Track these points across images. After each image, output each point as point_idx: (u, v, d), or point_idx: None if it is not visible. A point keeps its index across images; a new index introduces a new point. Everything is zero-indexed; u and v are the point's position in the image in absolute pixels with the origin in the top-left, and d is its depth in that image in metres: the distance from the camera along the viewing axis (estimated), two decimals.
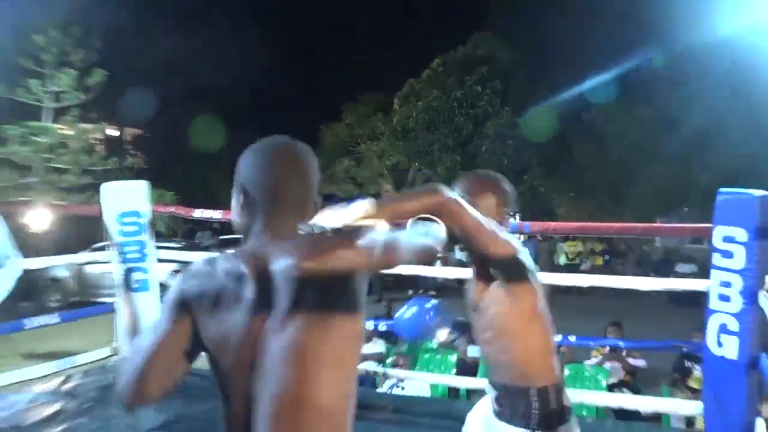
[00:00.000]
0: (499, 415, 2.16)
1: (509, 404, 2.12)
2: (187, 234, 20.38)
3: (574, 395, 4.66)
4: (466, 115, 21.11)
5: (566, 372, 6.16)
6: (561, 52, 21.58)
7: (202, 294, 1.43)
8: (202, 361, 4.73)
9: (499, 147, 20.89)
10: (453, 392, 5.73)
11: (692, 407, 3.79)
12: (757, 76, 16.97)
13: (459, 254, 18.92)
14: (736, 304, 3.27)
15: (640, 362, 6.77)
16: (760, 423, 3.29)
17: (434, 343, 7.04)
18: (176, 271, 9.55)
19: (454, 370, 6.36)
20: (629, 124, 20.68)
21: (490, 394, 2.25)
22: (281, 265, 1.41)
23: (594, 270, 18.18)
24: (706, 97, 18.64)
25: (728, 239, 3.29)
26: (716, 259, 3.37)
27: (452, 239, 1.85)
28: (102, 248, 5.32)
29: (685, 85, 19.15)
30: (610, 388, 5.77)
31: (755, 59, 16.54)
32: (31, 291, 13.82)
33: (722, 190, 3.41)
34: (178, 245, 13.96)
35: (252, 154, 1.62)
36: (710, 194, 3.45)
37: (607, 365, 6.19)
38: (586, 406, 5.02)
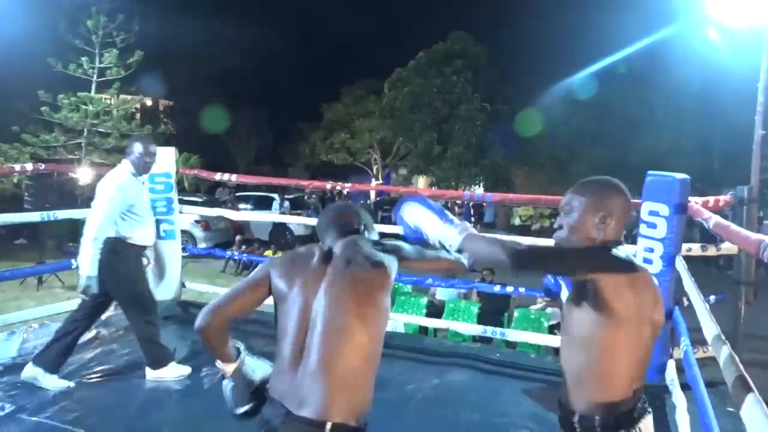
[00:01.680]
0: None
1: None
2: (209, 190, 20.18)
3: (521, 336, 4.72)
4: (443, 100, 21.08)
5: (516, 314, 6.22)
6: (524, 50, 21.49)
7: (283, 261, 1.70)
8: (215, 297, 4.60)
9: (470, 127, 20.85)
10: (423, 330, 5.76)
11: None
12: (681, 74, 16.98)
13: None
14: (657, 266, 3.26)
15: None
16: (671, 363, 3.31)
17: (408, 287, 7.04)
18: (198, 221, 9.50)
19: (424, 311, 6.37)
20: (575, 112, 20.64)
21: None
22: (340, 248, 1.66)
23: (543, 230, 18.26)
24: (639, 92, 18.61)
25: (653, 213, 3.27)
26: (642, 228, 3.35)
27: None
28: None
29: (622, 81, 19.11)
30: (551, 329, 5.81)
31: (680, 61, 16.54)
32: (79, 234, 13.70)
33: (650, 172, 3.38)
34: (200, 200, 13.84)
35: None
36: (640, 173, 3.42)
37: (549, 310, 6.23)
38: (530, 344, 5.06)
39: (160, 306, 4.66)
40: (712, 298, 3.99)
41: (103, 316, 4.45)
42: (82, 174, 14.14)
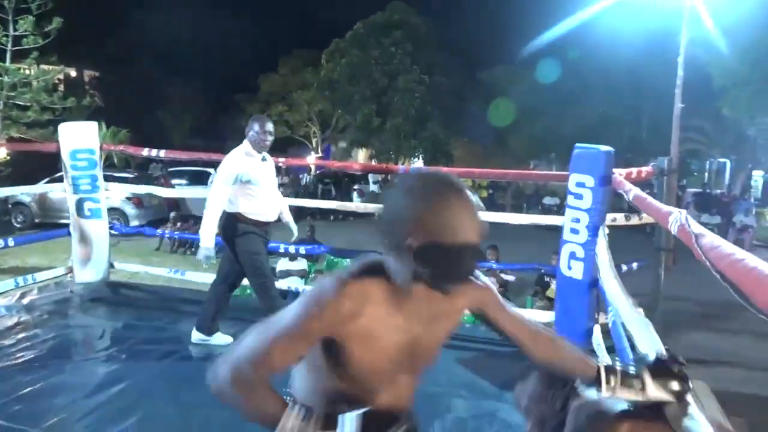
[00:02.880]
0: None
1: None
2: (141, 166, 19.44)
3: None
4: (382, 71, 20.97)
5: None
6: (464, 23, 21.58)
7: None
8: (150, 278, 4.48)
9: (408, 99, 20.86)
10: None
11: (548, 315, 3.94)
12: (615, 52, 17.52)
13: (372, 186, 18.98)
14: (583, 235, 3.38)
15: (510, 277, 7.02)
16: (596, 328, 3.45)
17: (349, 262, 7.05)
18: (129, 198, 9.19)
19: None
20: (514, 85, 21.00)
21: None
22: None
23: (480, 201, 18.60)
24: (575, 68, 19.08)
25: (580, 184, 3.37)
26: (570, 200, 3.45)
27: None
28: (60, 179, 4.98)
29: (560, 57, 19.52)
30: None
31: (613, 40, 17.05)
32: (1, 212, 12.99)
33: (577, 144, 3.47)
34: (131, 176, 13.32)
35: None
36: (573, 144, 3.50)
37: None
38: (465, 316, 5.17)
39: (87, 288, 4.51)
40: (635, 264, 4.19)
41: (27, 300, 4.27)
42: None
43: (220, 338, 3.67)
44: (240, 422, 2.61)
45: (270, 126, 3.54)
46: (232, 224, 3.48)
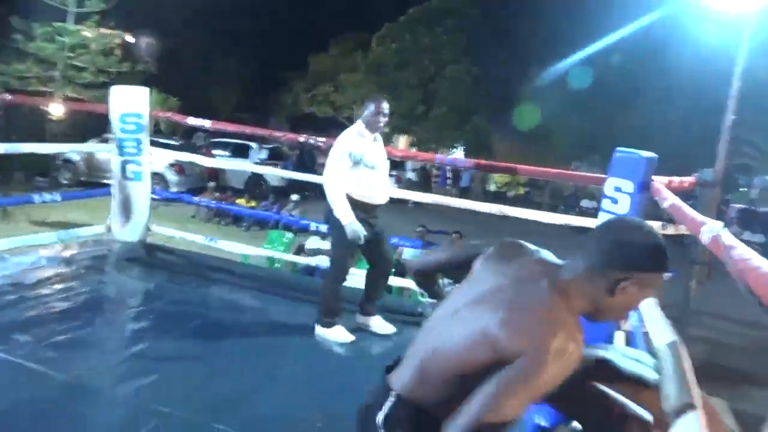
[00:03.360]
0: None
1: None
2: (186, 134, 19.83)
3: None
4: (431, 59, 20.81)
5: None
6: (520, 16, 21.22)
7: None
8: (185, 244, 4.56)
9: (455, 89, 20.68)
10: (387, 287, 5.77)
11: None
12: (671, 58, 17.06)
13: (410, 174, 18.94)
14: None
15: None
16: (619, 335, 3.40)
17: None
18: (171, 165, 9.39)
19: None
20: (561, 83, 20.62)
21: None
22: None
23: (516, 198, 18.42)
24: (629, 68, 18.62)
25: (617, 189, 3.30)
26: (605, 203, 3.38)
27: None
28: (107, 140, 5.14)
29: (614, 56, 19.08)
30: None
31: (671, 46, 16.60)
32: (46, 169, 13.45)
33: (618, 148, 3.40)
34: (175, 143, 13.61)
35: None
36: (617, 148, 3.43)
37: None
38: None
39: (124, 248, 4.65)
40: (668, 274, 4.10)
41: (67, 254, 4.43)
42: (54, 108, 13.83)
43: (339, 333, 3.46)
44: (259, 389, 2.66)
45: (385, 107, 3.47)
46: None
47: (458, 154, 21.56)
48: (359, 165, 3.37)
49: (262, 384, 2.82)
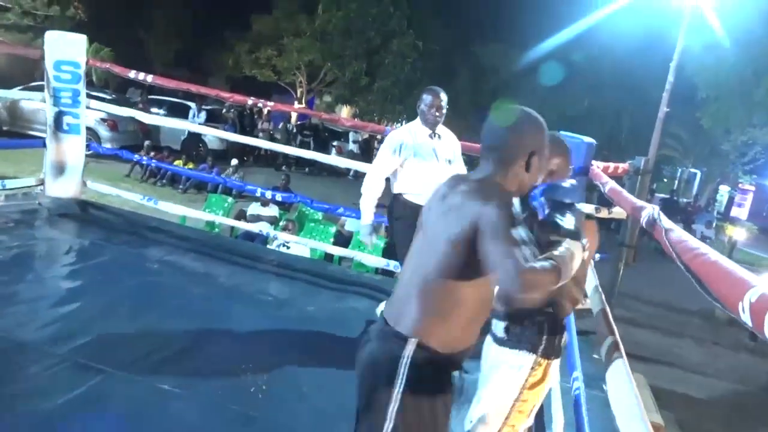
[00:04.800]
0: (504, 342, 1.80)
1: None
2: (119, 88, 18.89)
3: None
4: (377, 30, 20.65)
5: None
6: None
7: None
8: (119, 202, 4.45)
9: (400, 63, 20.65)
10: (328, 257, 5.84)
11: None
12: (606, 47, 17.67)
13: (352, 146, 18.90)
14: None
15: None
16: None
17: (319, 215, 7.09)
18: (104, 120, 8.98)
19: (332, 240, 6.47)
20: (504, 63, 20.99)
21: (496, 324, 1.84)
22: None
23: None
24: (564, 56, 19.13)
25: None
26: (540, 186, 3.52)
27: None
28: (37, 88, 4.85)
29: (551, 43, 19.52)
30: None
31: (606, 35, 17.19)
32: None
33: (561, 132, 3.53)
34: (109, 97, 12.97)
35: None
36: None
37: None
38: None
39: (57, 203, 4.46)
40: (597, 256, 4.33)
41: None
42: None
43: None
44: (199, 347, 2.67)
45: (441, 100, 3.15)
46: (391, 204, 3.27)
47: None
48: (411, 159, 3.14)
49: (201, 342, 2.81)
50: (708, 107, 16.52)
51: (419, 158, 3.13)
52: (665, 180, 24.59)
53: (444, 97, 3.17)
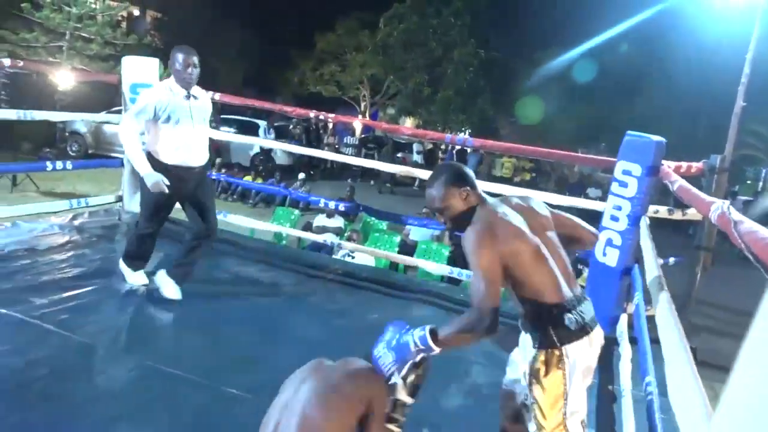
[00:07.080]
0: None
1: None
2: None
3: None
4: (438, 41, 20.66)
5: None
6: (526, 3, 21.13)
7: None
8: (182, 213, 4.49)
9: (462, 72, 20.55)
10: (393, 266, 5.85)
11: None
12: (680, 46, 16.93)
13: (416, 157, 18.93)
14: (623, 224, 3.35)
15: None
16: (623, 318, 3.45)
17: (383, 225, 7.11)
18: None
19: (396, 249, 6.47)
20: (566, 70, 20.53)
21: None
22: None
23: (522, 183, 18.39)
24: (633, 55, 18.51)
25: (626, 172, 3.33)
26: (614, 187, 3.41)
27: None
28: (118, 111, 5.15)
29: (617, 44, 18.97)
30: None
31: (679, 34, 16.48)
32: (53, 141, 13.47)
33: (629, 132, 3.41)
34: None
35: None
36: (624, 134, 3.44)
37: None
38: None
39: (135, 218, 4.68)
40: (671, 259, 4.12)
41: (78, 222, 4.47)
42: (62, 78, 13.78)
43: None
44: (266, 355, 2.71)
45: (194, 56, 3.29)
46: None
47: (465, 136, 21.51)
48: (157, 122, 3.15)
49: (268, 350, 2.88)
50: None
51: (174, 121, 3.15)
52: (749, 182, 23.17)
53: (195, 54, 3.24)
